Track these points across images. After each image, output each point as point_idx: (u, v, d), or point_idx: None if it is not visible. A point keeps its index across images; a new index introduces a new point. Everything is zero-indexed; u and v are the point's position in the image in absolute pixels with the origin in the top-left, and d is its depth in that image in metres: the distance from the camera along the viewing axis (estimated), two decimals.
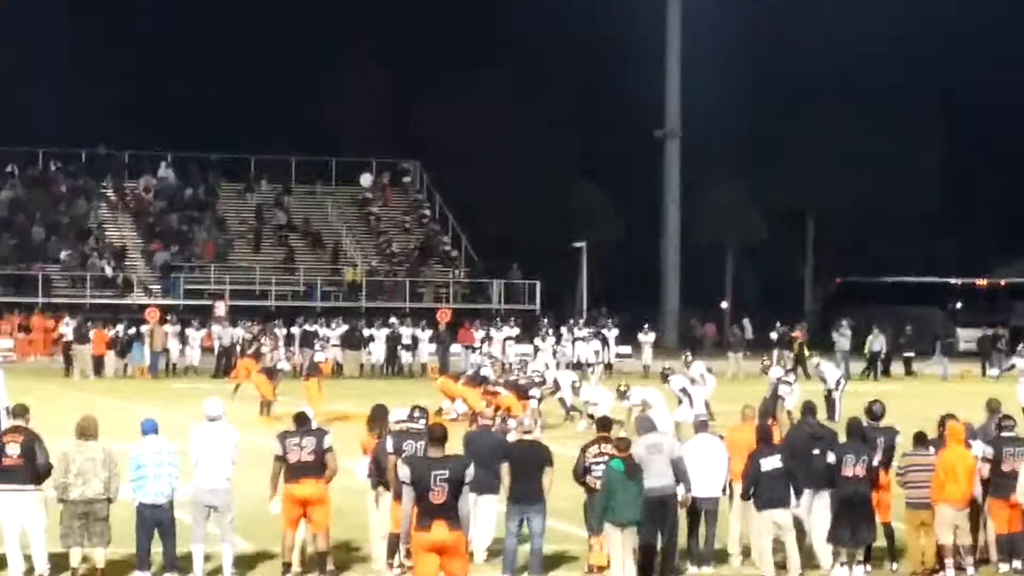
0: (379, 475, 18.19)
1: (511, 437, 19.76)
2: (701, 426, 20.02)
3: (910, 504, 19.04)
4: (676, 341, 73.11)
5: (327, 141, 78.90)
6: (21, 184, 71.94)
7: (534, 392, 35.00)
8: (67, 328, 53.44)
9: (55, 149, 73.18)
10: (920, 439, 19.27)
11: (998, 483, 18.94)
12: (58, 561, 17.69)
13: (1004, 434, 19.35)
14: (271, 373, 39.25)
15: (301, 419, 18.35)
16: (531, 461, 18.22)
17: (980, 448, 19.17)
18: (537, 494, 18.14)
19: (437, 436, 15.45)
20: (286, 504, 17.93)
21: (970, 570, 18.56)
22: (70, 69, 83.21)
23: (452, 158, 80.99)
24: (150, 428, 18.01)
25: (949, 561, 18.49)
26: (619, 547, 16.76)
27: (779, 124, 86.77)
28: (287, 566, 17.97)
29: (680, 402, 33.13)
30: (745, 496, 18.53)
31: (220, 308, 60.93)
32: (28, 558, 17.73)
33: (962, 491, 18.59)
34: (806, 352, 54.45)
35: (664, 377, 35.12)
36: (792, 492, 18.30)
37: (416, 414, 18.62)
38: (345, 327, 57.21)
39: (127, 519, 17.90)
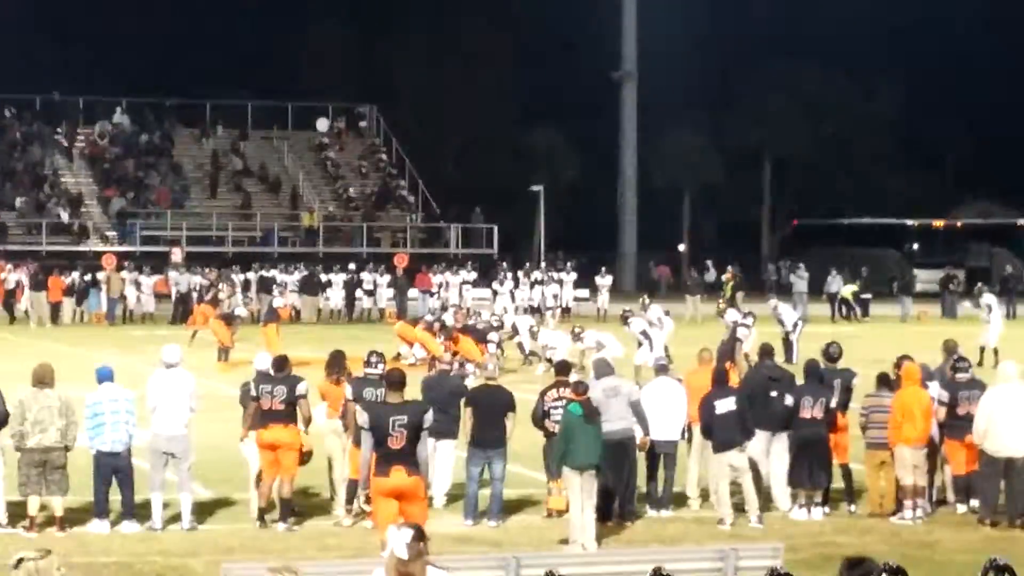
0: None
1: (472, 382, 19.70)
2: (661, 369, 20.06)
3: (870, 445, 19.09)
4: (633, 284, 73.16)
5: (283, 86, 78.39)
6: None
7: (492, 337, 35.04)
8: (9, 276, 52.98)
9: (9, 95, 72.42)
10: (883, 380, 19.32)
11: (954, 425, 19.00)
12: (16, 510, 17.61)
13: (959, 376, 19.42)
14: (229, 319, 39.15)
15: (280, 364, 18.26)
16: (495, 406, 18.27)
17: (936, 391, 19.22)
18: (500, 439, 18.18)
19: (395, 381, 15.43)
20: (260, 450, 17.90)
21: (921, 512, 18.60)
22: (23, 15, 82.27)
23: (408, 103, 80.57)
24: (106, 376, 17.94)
25: (908, 502, 18.52)
26: (578, 491, 16.76)
27: (736, 67, 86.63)
28: (262, 512, 17.85)
29: (640, 345, 33.14)
30: (706, 437, 18.58)
31: (176, 254, 60.60)
32: None
33: (919, 431, 18.61)
34: (739, 294, 54.76)
35: (624, 320, 35.06)
36: (744, 434, 18.38)
37: (374, 360, 18.56)
38: (303, 272, 57.11)
39: (85, 467, 17.82)
